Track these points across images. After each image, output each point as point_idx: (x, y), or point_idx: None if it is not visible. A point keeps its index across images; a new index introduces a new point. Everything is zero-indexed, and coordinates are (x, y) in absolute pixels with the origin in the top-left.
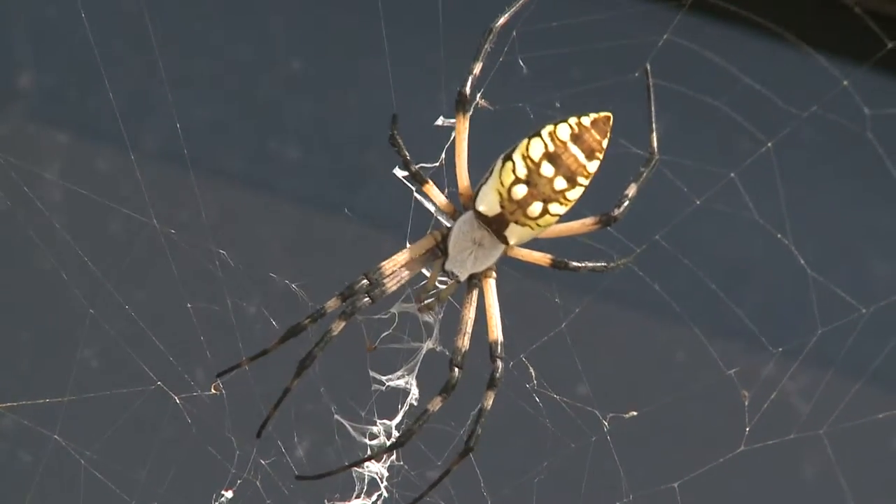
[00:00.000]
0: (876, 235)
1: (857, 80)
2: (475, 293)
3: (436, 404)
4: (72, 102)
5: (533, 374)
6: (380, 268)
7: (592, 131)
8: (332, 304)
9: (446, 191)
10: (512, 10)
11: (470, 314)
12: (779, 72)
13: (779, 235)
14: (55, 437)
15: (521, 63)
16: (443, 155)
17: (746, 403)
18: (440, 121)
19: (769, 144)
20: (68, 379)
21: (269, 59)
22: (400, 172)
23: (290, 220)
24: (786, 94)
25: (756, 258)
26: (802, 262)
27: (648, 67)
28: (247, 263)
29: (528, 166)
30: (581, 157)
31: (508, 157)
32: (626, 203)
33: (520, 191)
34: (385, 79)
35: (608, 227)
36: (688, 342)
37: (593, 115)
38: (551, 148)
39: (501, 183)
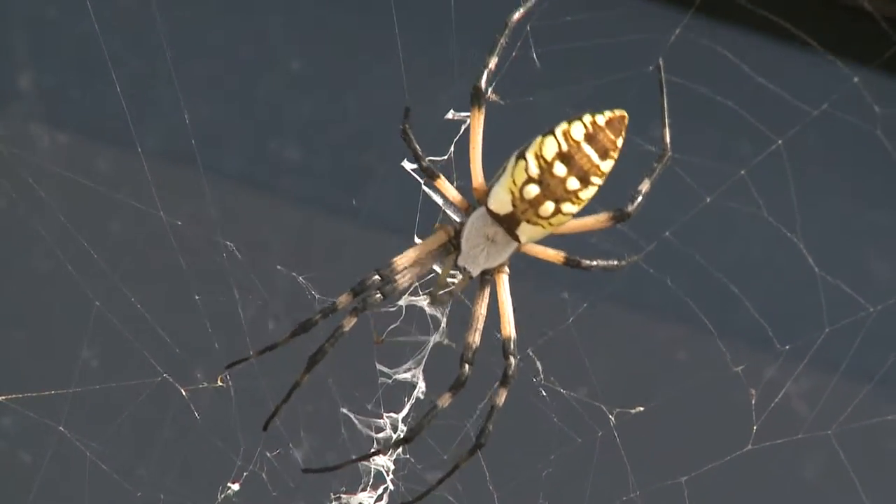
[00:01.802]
0: (885, 234)
1: (867, 78)
2: (487, 289)
3: (445, 400)
4: (72, 102)
5: (540, 368)
6: (391, 263)
7: (607, 131)
8: (343, 299)
9: (455, 184)
10: (528, 4)
11: (481, 310)
12: (789, 70)
13: (788, 234)
14: (60, 428)
15: (535, 58)
16: (452, 148)
17: (753, 401)
18: (451, 114)
19: (779, 142)
20: (73, 371)
21: (269, 59)
22: (409, 165)
23: (293, 221)
24: (796, 93)
25: (764, 256)
26: (811, 260)
27: (661, 63)
28: (253, 258)
29: (540, 166)
30: (595, 157)
31: (521, 156)
32: (639, 199)
33: (532, 190)
34: (388, 78)
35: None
36: (695, 338)
37: (608, 114)
38: (564, 147)
39: (514, 182)
